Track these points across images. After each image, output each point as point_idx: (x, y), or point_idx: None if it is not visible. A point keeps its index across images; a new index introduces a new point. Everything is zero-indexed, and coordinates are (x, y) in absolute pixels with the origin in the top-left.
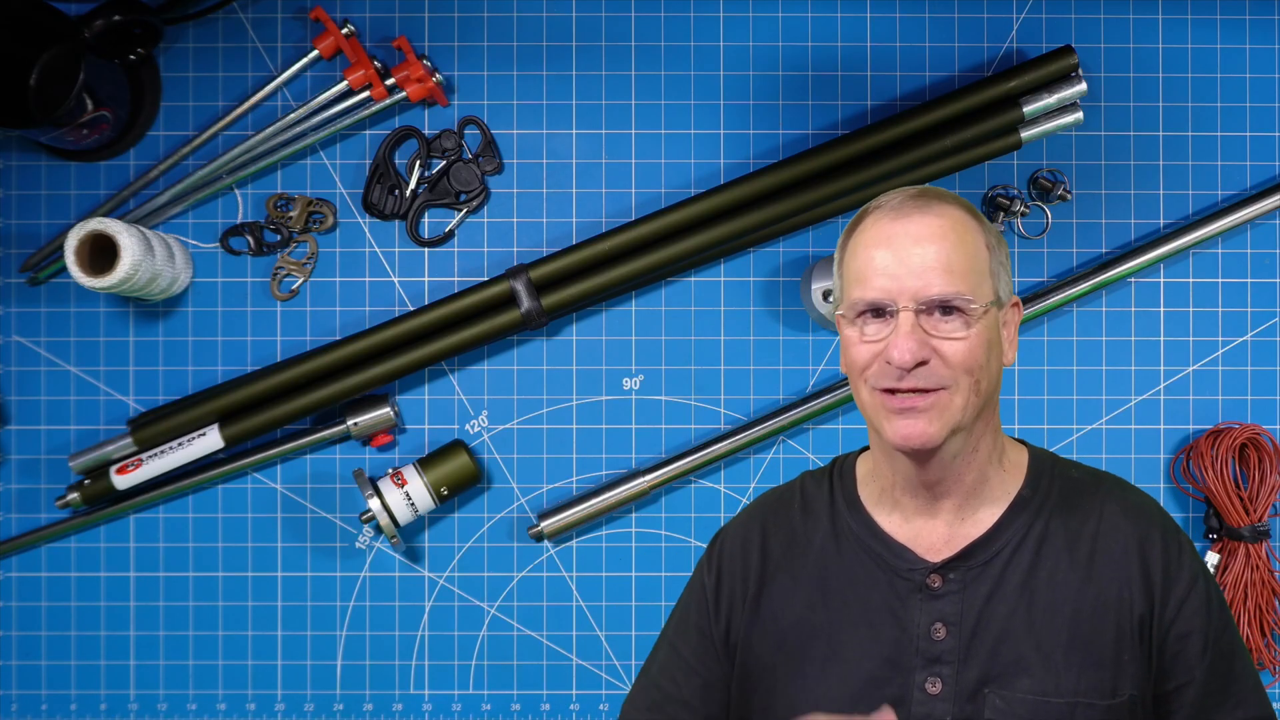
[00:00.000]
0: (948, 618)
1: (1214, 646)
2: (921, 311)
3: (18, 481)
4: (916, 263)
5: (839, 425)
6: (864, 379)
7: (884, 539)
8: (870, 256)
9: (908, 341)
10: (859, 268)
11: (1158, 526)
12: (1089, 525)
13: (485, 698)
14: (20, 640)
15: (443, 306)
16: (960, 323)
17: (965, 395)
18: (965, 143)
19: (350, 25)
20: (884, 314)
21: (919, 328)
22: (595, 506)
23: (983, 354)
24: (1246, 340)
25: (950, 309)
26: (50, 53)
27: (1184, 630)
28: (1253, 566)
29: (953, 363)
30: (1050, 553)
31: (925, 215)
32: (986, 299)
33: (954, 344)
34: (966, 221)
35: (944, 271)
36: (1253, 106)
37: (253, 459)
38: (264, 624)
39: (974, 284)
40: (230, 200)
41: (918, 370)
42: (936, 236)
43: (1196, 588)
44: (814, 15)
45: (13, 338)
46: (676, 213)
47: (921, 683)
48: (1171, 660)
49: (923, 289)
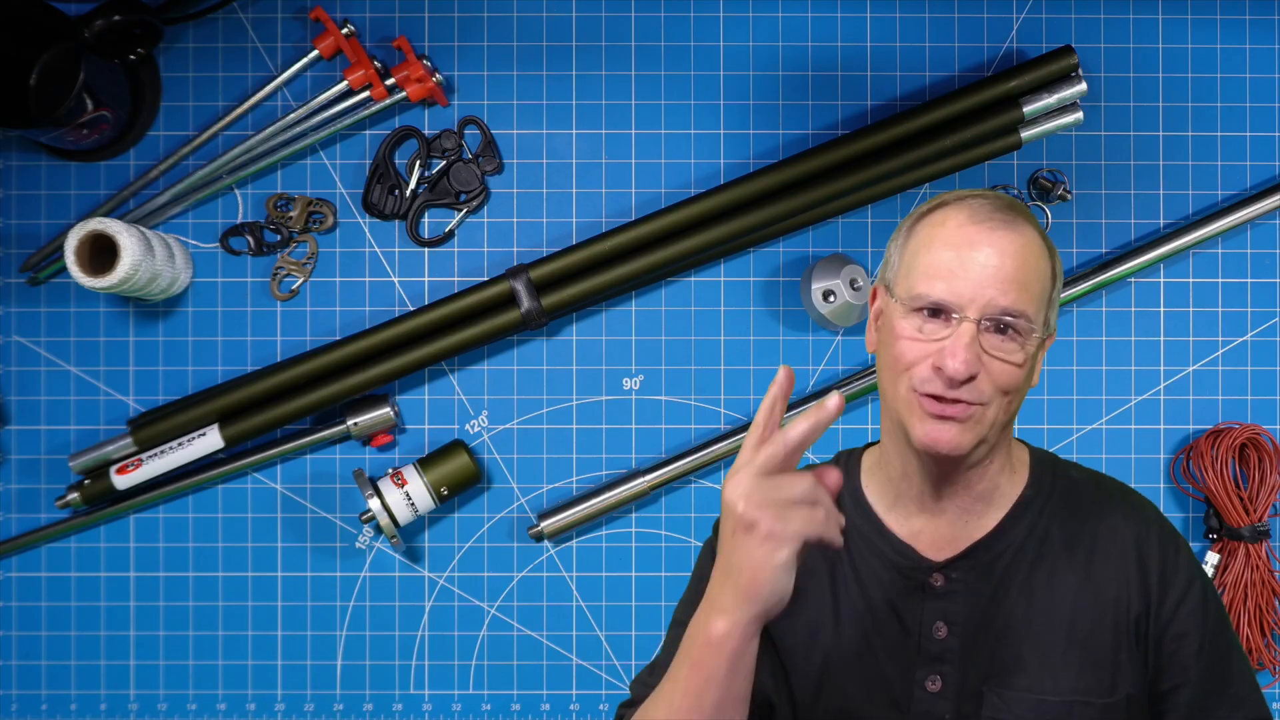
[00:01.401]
0: (950, 616)
1: (1210, 648)
2: (983, 326)
3: (18, 481)
4: (992, 273)
5: (839, 425)
6: (907, 376)
7: (888, 536)
8: (945, 255)
9: (966, 354)
10: (930, 262)
11: (1155, 528)
12: (1088, 526)
13: (485, 698)
14: (20, 640)
15: (443, 306)
16: (1015, 345)
17: (997, 412)
18: (965, 143)
19: (350, 25)
20: (942, 315)
21: (976, 342)
22: (595, 506)
23: (1024, 379)
24: (1246, 340)
25: (1007, 328)
26: (50, 53)
27: (1180, 631)
28: (1253, 566)
29: (999, 383)
30: (1050, 553)
31: (1010, 230)
32: (1042, 325)
33: (1004, 366)
34: (1042, 246)
35: (1019, 287)
36: (1253, 106)
37: (253, 459)
38: (264, 624)
39: (1037, 309)
40: (230, 200)
41: (965, 384)
42: (1017, 253)
43: (1193, 589)
44: (814, 15)
45: (13, 338)
46: (676, 213)
47: (922, 680)
48: (1167, 660)
49: (992, 300)
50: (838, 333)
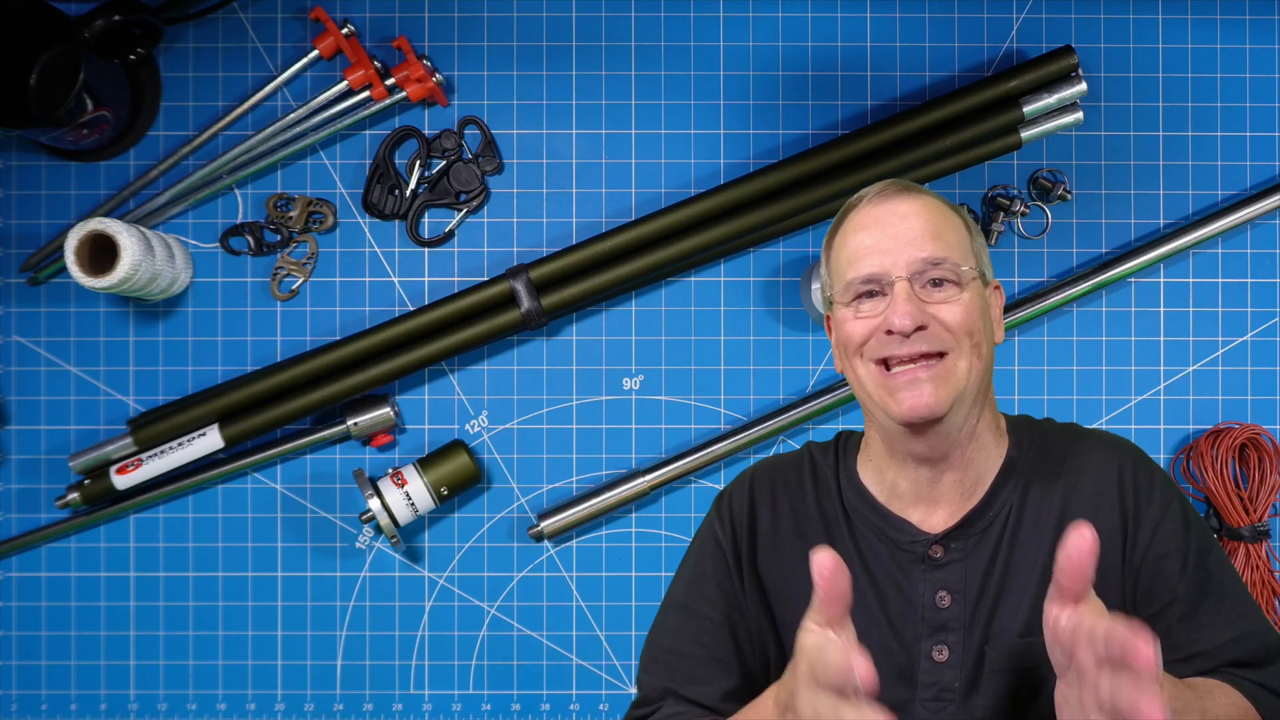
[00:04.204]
0: (952, 586)
1: (1195, 565)
2: (915, 281)
3: (18, 481)
4: (905, 234)
5: (839, 425)
6: (861, 354)
7: (884, 513)
8: (860, 239)
9: (906, 305)
10: (849, 253)
11: (1130, 458)
12: (1067, 466)
13: (485, 698)
14: (20, 640)
15: (443, 306)
16: (952, 289)
17: (968, 358)
18: (965, 143)
19: (350, 25)
20: (877, 293)
21: (914, 296)
22: (595, 506)
23: (978, 318)
24: (1246, 340)
25: (940, 281)
26: (50, 53)
27: (1161, 552)
28: (1253, 566)
29: (951, 325)
30: (1036, 504)
31: (906, 197)
32: (973, 267)
33: (949, 307)
34: (943, 205)
35: (933, 238)
36: (1253, 106)
37: (253, 459)
38: (264, 624)
39: (960, 254)
40: (230, 200)
41: (918, 335)
42: (920, 212)
43: (1171, 510)
44: (814, 15)
45: (13, 338)
46: (676, 213)
47: (928, 651)
48: (1151, 582)
49: (913, 256)
50: None
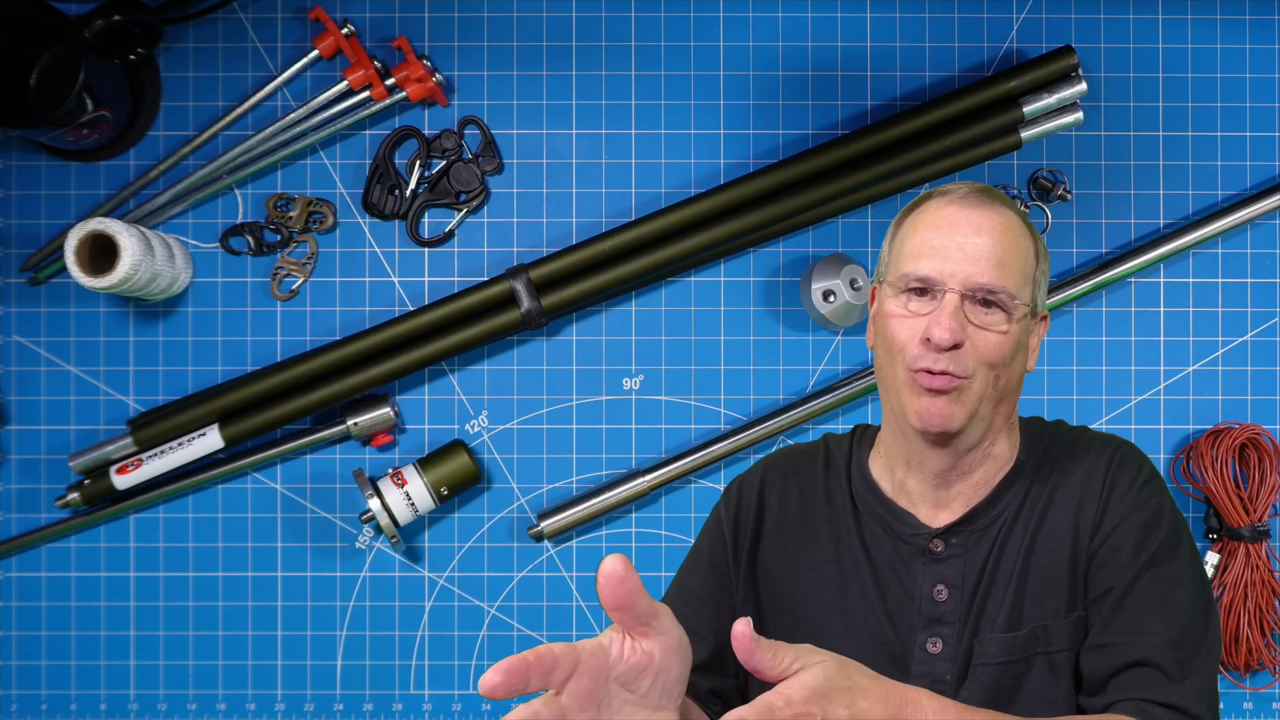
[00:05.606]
0: (950, 580)
1: (1147, 563)
2: (967, 298)
3: (18, 481)
4: (972, 250)
5: (839, 425)
6: (901, 356)
7: (889, 505)
8: (928, 236)
9: (950, 321)
10: (915, 244)
11: (1120, 455)
12: (1061, 465)
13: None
14: (20, 640)
15: (443, 306)
16: (1000, 318)
17: (982, 386)
18: (965, 143)
19: (350, 25)
20: (929, 293)
21: (961, 311)
22: (595, 506)
23: (1010, 353)
24: (1246, 340)
25: (992, 303)
26: (50, 53)
27: (1116, 544)
28: (1253, 566)
29: (982, 353)
30: (1031, 500)
31: (987, 209)
32: (1026, 302)
33: (988, 336)
34: (1021, 226)
35: (997, 264)
36: (1253, 106)
37: (253, 459)
38: (264, 624)
39: (1019, 284)
40: (230, 200)
41: (952, 353)
42: (995, 230)
43: (1143, 509)
44: (814, 15)
45: (13, 338)
46: (676, 213)
47: (923, 643)
48: (1097, 571)
49: (973, 275)
50: (838, 333)
